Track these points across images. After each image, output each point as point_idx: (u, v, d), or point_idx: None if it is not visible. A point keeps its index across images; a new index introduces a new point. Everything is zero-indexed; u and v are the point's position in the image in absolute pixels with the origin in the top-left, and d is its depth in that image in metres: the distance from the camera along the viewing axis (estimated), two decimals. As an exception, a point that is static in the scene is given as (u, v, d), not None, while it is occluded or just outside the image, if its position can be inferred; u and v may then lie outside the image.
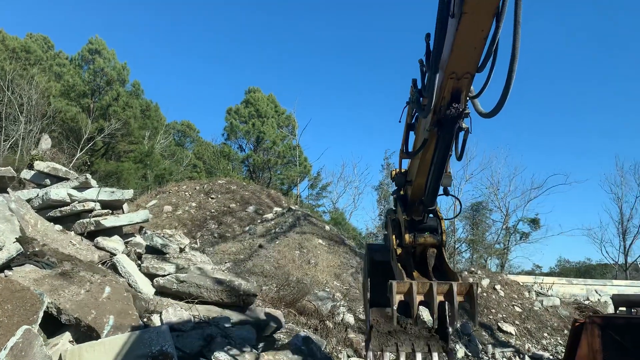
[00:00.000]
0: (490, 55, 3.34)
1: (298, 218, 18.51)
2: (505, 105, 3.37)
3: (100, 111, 27.91)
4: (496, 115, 3.54)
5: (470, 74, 3.49)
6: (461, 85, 3.55)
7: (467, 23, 3.07)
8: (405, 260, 5.02)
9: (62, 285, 7.17)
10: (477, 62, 3.40)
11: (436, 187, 4.45)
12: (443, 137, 3.90)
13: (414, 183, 4.84)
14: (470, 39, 3.20)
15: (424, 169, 4.48)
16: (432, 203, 4.66)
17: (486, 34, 3.17)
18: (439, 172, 4.28)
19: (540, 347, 14.10)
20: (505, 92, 3.26)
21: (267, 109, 36.30)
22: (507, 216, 33.61)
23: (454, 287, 4.36)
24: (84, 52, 31.25)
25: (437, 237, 4.86)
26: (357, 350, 11.18)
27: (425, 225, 4.90)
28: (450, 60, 3.36)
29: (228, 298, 9.65)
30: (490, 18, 3.06)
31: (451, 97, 3.61)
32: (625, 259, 32.09)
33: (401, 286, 4.42)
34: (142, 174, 28.85)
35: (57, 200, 10.26)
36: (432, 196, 4.57)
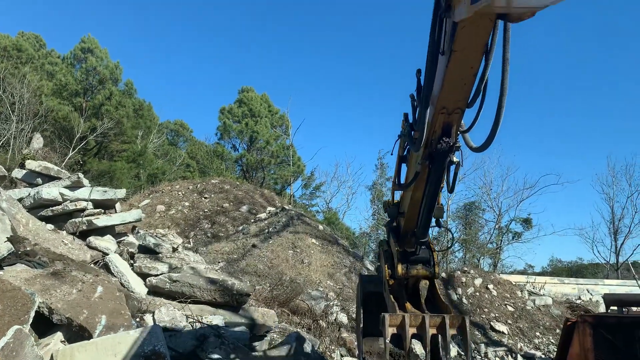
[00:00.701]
0: (480, 91, 3.40)
1: (291, 218, 18.49)
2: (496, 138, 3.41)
3: (92, 110, 27.74)
4: (486, 149, 3.60)
5: (461, 109, 3.57)
6: (452, 120, 3.63)
7: (457, 60, 3.14)
8: (398, 291, 5.08)
9: (53, 284, 7.12)
10: (467, 98, 3.47)
11: (428, 219, 4.53)
12: (434, 170, 3.98)
13: (407, 215, 4.90)
14: (460, 76, 3.28)
15: (416, 201, 4.54)
16: (424, 235, 4.73)
17: (476, 70, 3.24)
18: (430, 204, 4.36)
19: (533, 346, 14.17)
20: (494, 128, 3.31)
21: (260, 109, 36.23)
22: (499, 216, 33.72)
23: (446, 320, 4.43)
24: (76, 51, 31.03)
25: (429, 269, 4.89)
26: (350, 350, 11.19)
27: (418, 257, 4.93)
28: (440, 96, 3.45)
29: (221, 298, 9.63)
30: (479, 56, 3.13)
31: (442, 132, 3.70)
32: (616, 258, 32.30)
33: (394, 319, 4.48)
34: (135, 174, 28.72)
35: (49, 200, 10.20)
36: (424, 228, 4.64)
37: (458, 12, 2.84)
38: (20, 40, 29.38)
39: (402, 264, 4.91)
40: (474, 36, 2.99)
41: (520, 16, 2.62)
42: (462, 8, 2.77)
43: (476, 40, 3.03)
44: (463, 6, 2.74)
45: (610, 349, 6.74)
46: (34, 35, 32.77)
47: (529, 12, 2.54)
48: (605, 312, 7.94)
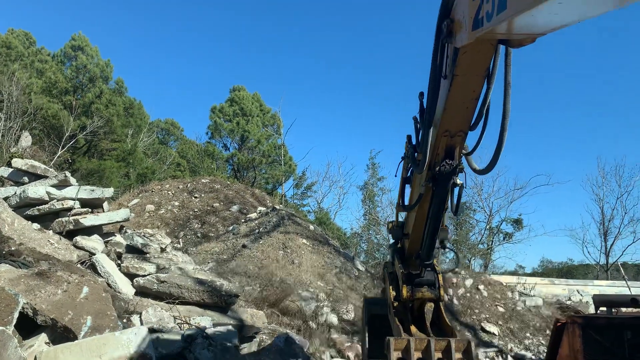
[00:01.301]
0: (483, 114, 3.44)
1: (282, 218, 18.41)
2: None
3: (82, 108, 27.53)
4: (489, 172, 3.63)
5: (464, 132, 3.62)
6: (455, 143, 3.68)
7: (459, 85, 3.20)
8: (403, 314, 5.07)
9: (38, 285, 7.01)
10: (469, 121, 3.53)
11: (432, 241, 4.51)
12: (438, 192, 4.01)
13: (411, 236, 4.91)
14: (462, 100, 3.33)
15: (420, 222, 4.55)
16: (429, 257, 4.69)
17: (478, 94, 3.30)
18: (434, 226, 4.36)
19: (523, 347, 14.18)
20: (497, 151, 3.32)
21: (251, 108, 36.13)
22: (490, 216, 33.85)
23: (452, 343, 4.39)
24: (66, 49, 30.80)
25: (434, 291, 4.87)
26: (340, 351, 11.14)
27: (423, 279, 4.91)
28: (443, 119, 3.50)
29: (210, 298, 9.54)
30: (481, 80, 3.18)
31: (445, 154, 3.74)
32: (606, 259, 32.52)
33: (399, 343, 4.46)
34: (124, 173, 28.52)
35: (35, 199, 10.06)
36: (429, 250, 4.61)
37: (459, 38, 2.89)
38: (10, 37, 29.10)
39: (407, 286, 4.89)
40: (475, 61, 3.05)
41: (520, 42, 2.65)
42: (463, 34, 2.82)
43: (478, 65, 3.08)
44: (464, 32, 2.78)
45: (600, 349, 6.74)
46: (24, 33, 32.45)
47: (530, 38, 2.57)
48: (594, 313, 7.94)
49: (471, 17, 2.64)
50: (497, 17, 2.28)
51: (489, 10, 2.38)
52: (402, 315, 5.05)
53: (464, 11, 2.77)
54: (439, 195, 4.03)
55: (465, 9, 2.76)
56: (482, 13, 2.49)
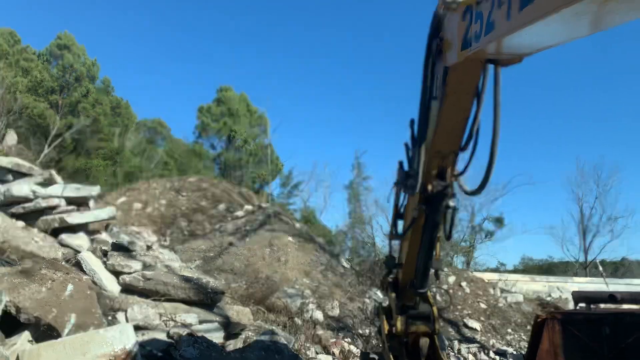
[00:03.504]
0: (473, 134, 3.45)
1: (269, 216, 18.48)
2: None
3: (69, 107, 27.33)
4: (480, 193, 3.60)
5: (455, 152, 3.66)
6: (446, 164, 3.73)
7: (449, 104, 3.26)
8: (398, 350, 5.05)
9: (22, 283, 7.02)
10: (460, 141, 3.56)
11: (426, 268, 4.47)
12: (431, 215, 4.01)
13: (404, 266, 4.88)
14: (453, 119, 3.38)
15: (414, 250, 4.53)
16: (423, 285, 4.63)
17: (468, 114, 3.34)
18: (428, 253, 4.34)
19: (505, 343, 14.39)
20: (488, 170, 3.30)
21: (239, 108, 36.08)
22: (472, 215, 34.05)
23: None
24: (52, 48, 30.50)
25: (430, 325, 4.84)
26: (325, 347, 11.24)
27: (417, 312, 4.89)
28: (434, 140, 3.55)
29: (195, 296, 9.59)
30: (471, 99, 3.23)
31: (437, 175, 3.78)
32: (585, 256, 32.83)
33: None
34: (111, 172, 28.36)
35: (20, 197, 10.04)
36: (423, 277, 4.56)
37: (449, 57, 2.96)
38: (-6, 35, 28.79)
39: (401, 318, 4.86)
40: (465, 80, 3.10)
41: (509, 61, 2.72)
42: (452, 53, 2.89)
43: (467, 84, 3.13)
44: (454, 52, 2.85)
45: (579, 344, 6.86)
46: (9, 31, 32.02)
47: (517, 58, 2.65)
48: (574, 309, 8.09)
49: (460, 37, 2.72)
50: (486, 37, 2.36)
51: (477, 30, 2.46)
52: (396, 351, 5.03)
53: (453, 31, 2.85)
54: (432, 218, 4.02)
55: (454, 29, 2.84)
56: (470, 33, 2.57)
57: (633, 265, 36.51)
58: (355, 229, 34.84)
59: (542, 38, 2.19)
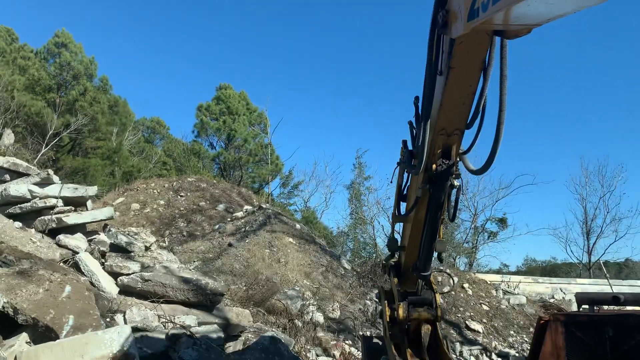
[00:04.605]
0: (479, 111, 3.38)
1: (269, 216, 18.38)
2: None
3: (66, 106, 27.18)
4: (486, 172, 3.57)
5: (460, 130, 3.57)
6: (451, 142, 3.64)
7: (455, 78, 3.15)
8: (399, 337, 4.97)
9: (19, 284, 6.91)
10: (466, 118, 3.48)
11: (429, 250, 4.41)
12: (435, 194, 3.94)
13: (407, 248, 4.81)
14: (459, 94, 3.28)
15: (417, 231, 4.47)
16: (426, 268, 4.58)
17: (474, 89, 3.24)
18: (432, 234, 4.27)
19: (507, 345, 14.31)
20: (494, 147, 3.28)
21: (238, 106, 35.95)
22: (475, 215, 34.02)
23: None
24: (49, 46, 30.34)
25: (432, 311, 4.78)
26: (325, 349, 11.15)
27: (420, 299, 4.83)
28: (439, 117, 3.45)
29: (195, 297, 9.48)
30: (477, 73, 3.13)
31: (441, 154, 3.70)
32: (589, 258, 32.73)
33: None
34: (109, 171, 28.25)
35: (17, 197, 9.91)
36: (426, 260, 4.51)
37: (455, 29, 2.85)
38: (-9, 33, 28.67)
39: (403, 304, 4.78)
40: (471, 52, 3.01)
41: (516, 33, 2.64)
42: (459, 25, 2.78)
43: (473, 57, 3.04)
44: (460, 23, 2.75)
45: (582, 346, 6.78)
46: (6, 29, 31.93)
47: (525, 29, 2.55)
48: (577, 311, 8.00)
49: (467, 8, 2.61)
50: (493, 7, 2.28)
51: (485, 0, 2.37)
52: (398, 338, 4.96)
53: (460, 2, 2.74)
54: (436, 197, 3.95)
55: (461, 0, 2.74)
56: (477, 3, 2.48)
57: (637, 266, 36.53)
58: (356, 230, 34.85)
59: (552, 7, 2.10)
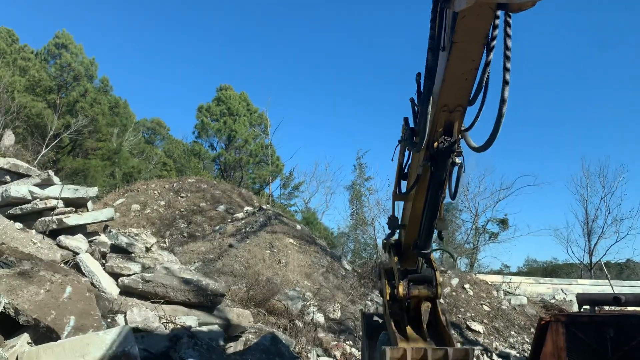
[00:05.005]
0: (482, 87, 3.33)
1: (269, 217, 18.37)
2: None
3: (67, 107, 27.24)
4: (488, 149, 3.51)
5: (462, 106, 3.50)
6: (453, 119, 3.57)
7: (458, 53, 3.09)
8: (399, 314, 4.95)
9: (20, 285, 6.91)
10: (468, 94, 3.41)
11: (430, 228, 4.37)
12: (436, 172, 3.88)
13: (408, 226, 4.77)
14: (461, 70, 3.22)
15: (418, 210, 4.42)
16: (427, 246, 4.55)
17: (477, 64, 3.18)
18: (433, 212, 4.22)
19: (508, 345, 14.30)
20: (496, 125, 3.24)
21: (239, 107, 35.99)
22: (476, 216, 34.07)
23: (449, 353, 4.32)
24: (50, 47, 30.41)
25: (432, 289, 4.73)
26: (326, 350, 11.14)
27: (420, 276, 4.79)
28: (442, 93, 3.38)
29: (195, 298, 9.48)
30: (480, 47, 3.08)
31: (443, 131, 3.62)
32: (590, 258, 32.71)
33: (395, 352, 4.37)
34: (110, 172, 28.27)
35: (18, 198, 9.92)
36: (427, 238, 4.47)
37: (458, 2, 2.79)
38: (-8, 34, 28.71)
39: (403, 282, 4.75)
40: (474, 26, 2.95)
41: (520, 6, 2.59)
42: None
43: (477, 31, 2.98)
44: None
45: (583, 347, 6.79)
46: (6, 30, 31.97)
47: (530, 2, 2.51)
48: (578, 312, 8.01)
49: None
50: None
51: None
52: (397, 316, 4.94)
53: None
54: (438, 175, 3.89)
55: None
56: None
57: (638, 267, 36.51)
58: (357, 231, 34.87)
59: None
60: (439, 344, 4.62)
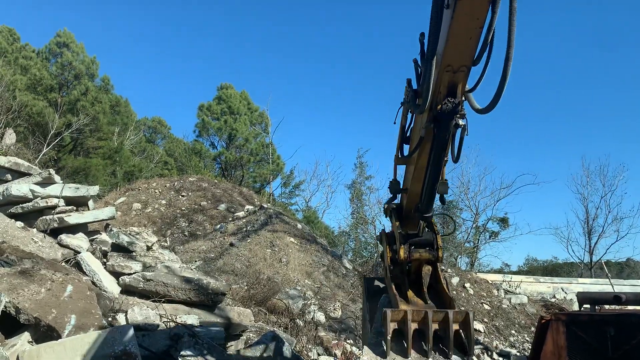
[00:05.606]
0: (486, 47, 3.28)
1: (270, 216, 18.39)
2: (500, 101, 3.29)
3: (68, 106, 27.25)
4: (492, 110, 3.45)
5: (466, 66, 3.44)
6: (457, 79, 3.50)
7: (462, 10, 3.03)
8: (400, 278, 4.95)
9: (21, 283, 6.92)
10: (473, 54, 3.35)
11: (432, 191, 4.31)
12: (439, 134, 3.82)
13: (410, 190, 4.73)
14: (465, 28, 3.16)
15: (420, 173, 4.36)
16: (428, 209, 4.50)
17: (482, 22, 3.13)
18: (435, 175, 4.16)
19: (508, 344, 14.30)
20: (501, 86, 3.20)
21: (239, 106, 35.99)
22: (477, 215, 34.06)
23: (450, 315, 4.32)
24: (51, 45, 30.40)
25: (432, 252, 4.70)
26: (327, 349, 11.15)
27: (421, 240, 4.77)
28: (445, 53, 3.32)
29: (196, 297, 9.49)
30: (485, 5, 3.03)
31: (447, 92, 3.55)
32: (590, 257, 32.71)
33: (395, 314, 4.37)
34: (111, 171, 28.30)
35: (19, 196, 9.92)
36: (429, 201, 4.42)
37: None
38: (-7, 33, 28.72)
39: (404, 246, 4.71)
40: None
41: None
42: None
43: None
44: None
45: (583, 346, 6.78)
46: (7, 29, 31.95)
47: None
48: (578, 311, 8.00)
49: None
50: None
51: None
52: (398, 279, 4.94)
53: None
54: (441, 137, 3.82)
55: None
56: None
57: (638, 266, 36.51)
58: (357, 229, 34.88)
59: None
60: (439, 307, 4.62)
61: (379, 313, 4.84)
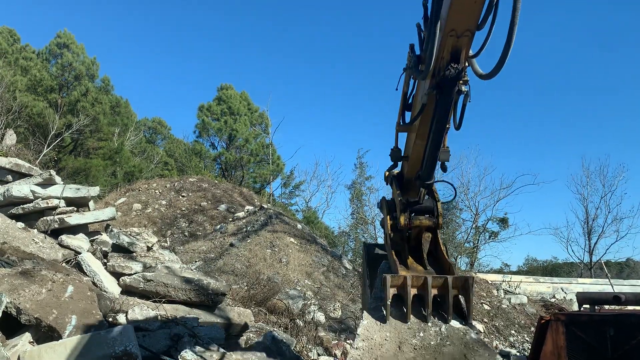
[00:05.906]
0: (491, 10, 3.22)
1: (270, 217, 18.41)
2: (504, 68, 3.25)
3: (68, 107, 27.29)
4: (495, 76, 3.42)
5: (470, 31, 3.37)
6: (461, 44, 3.44)
7: None
8: (400, 244, 4.96)
9: (22, 284, 6.94)
10: (477, 18, 3.28)
11: (434, 159, 4.28)
12: (442, 101, 3.76)
13: (411, 157, 4.71)
14: None
15: (422, 140, 4.32)
16: (430, 176, 4.47)
17: None
18: (437, 142, 4.11)
19: (508, 344, 14.32)
20: (505, 51, 3.15)
21: (239, 107, 36.02)
22: (476, 215, 34.06)
23: (449, 280, 4.34)
24: (51, 46, 30.45)
25: (433, 219, 4.71)
26: (327, 349, 11.16)
27: (421, 207, 4.75)
28: (449, 16, 3.25)
29: (196, 297, 9.50)
30: None
31: (450, 57, 3.50)
32: (590, 257, 32.70)
33: (395, 280, 4.39)
34: (111, 171, 28.32)
35: (19, 197, 9.94)
36: (430, 168, 4.39)
37: None
38: (-7, 34, 28.75)
39: (404, 213, 4.71)
40: None
41: None
42: None
43: None
44: None
45: (583, 346, 6.80)
46: (8, 30, 32.01)
47: None
48: (578, 311, 8.02)
49: None
50: None
51: None
52: (398, 246, 4.95)
53: None
54: (443, 104, 3.77)
55: None
56: None
57: (638, 266, 36.53)
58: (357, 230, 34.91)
59: None
60: (439, 273, 4.64)
61: (379, 279, 4.88)
